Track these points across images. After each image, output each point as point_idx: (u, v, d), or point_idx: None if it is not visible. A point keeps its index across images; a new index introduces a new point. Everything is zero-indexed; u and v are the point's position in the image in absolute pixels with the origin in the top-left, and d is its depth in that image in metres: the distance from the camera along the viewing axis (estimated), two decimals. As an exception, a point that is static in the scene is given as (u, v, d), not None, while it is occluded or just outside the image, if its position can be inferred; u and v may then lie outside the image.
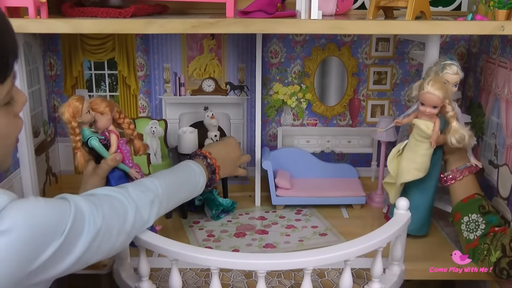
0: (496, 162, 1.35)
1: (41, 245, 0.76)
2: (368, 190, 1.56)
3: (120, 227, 0.93)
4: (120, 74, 1.61)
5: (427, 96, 1.17)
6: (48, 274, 0.78)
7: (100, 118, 1.19)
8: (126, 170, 1.24)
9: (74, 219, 0.81)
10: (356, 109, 1.67)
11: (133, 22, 1.13)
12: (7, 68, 0.76)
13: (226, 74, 1.62)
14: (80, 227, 0.83)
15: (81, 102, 1.15)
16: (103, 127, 1.21)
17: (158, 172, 1.16)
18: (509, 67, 1.29)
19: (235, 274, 1.18)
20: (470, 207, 1.23)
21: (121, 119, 1.24)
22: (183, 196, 1.17)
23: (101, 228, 0.87)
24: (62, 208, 0.81)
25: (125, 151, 1.25)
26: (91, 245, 0.85)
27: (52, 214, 0.78)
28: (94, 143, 1.18)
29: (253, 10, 1.17)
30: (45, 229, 0.76)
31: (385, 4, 1.22)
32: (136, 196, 1.00)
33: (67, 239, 0.79)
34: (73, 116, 1.14)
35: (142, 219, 1.00)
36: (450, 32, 1.38)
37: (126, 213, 0.96)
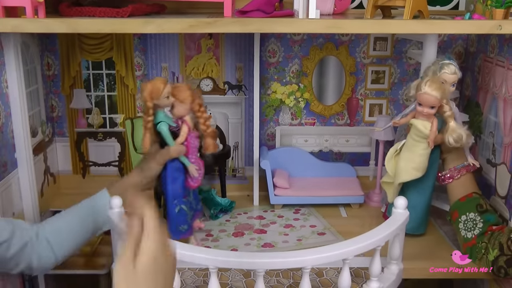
0: (494, 161, 1.35)
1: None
2: (366, 189, 1.56)
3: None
4: (118, 73, 1.60)
5: (424, 97, 1.17)
6: None
7: (178, 105, 1.15)
8: (186, 164, 1.21)
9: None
10: (354, 108, 1.67)
11: (130, 21, 1.13)
12: None
13: (224, 73, 1.62)
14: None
15: (164, 85, 1.12)
16: (178, 115, 1.17)
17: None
18: (507, 66, 1.30)
19: (233, 273, 1.18)
20: (468, 206, 1.23)
21: (199, 112, 1.19)
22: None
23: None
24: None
25: (192, 145, 1.21)
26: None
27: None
28: (163, 128, 1.15)
29: (251, 9, 1.17)
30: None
31: (383, 3, 1.22)
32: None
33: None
34: (150, 96, 1.11)
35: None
36: (447, 32, 1.38)
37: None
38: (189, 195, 1.24)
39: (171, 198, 1.21)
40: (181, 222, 1.22)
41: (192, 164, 1.21)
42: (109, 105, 1.63)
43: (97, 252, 1.42)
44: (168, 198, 1.21)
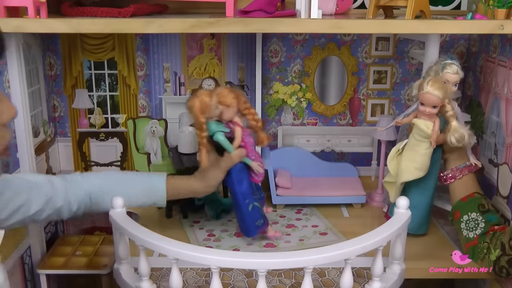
0: (496, 161, 1.35)
1: None
2: (368, 189, 1.56)
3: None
4: (120, 73, 1.61)
5: (426, 96, 1.17)
6: None
7: (226, 111, 1.16)
8: (248, 163, 1.22)
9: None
10: (356, 108, 1.67)
11: (132, 21, 1.13)
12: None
13: (226, 73, 1.62)
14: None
15: (211, 98, 1.13)
16: (228, 119, 1.18)
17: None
18: (509, 66, 1.29)
19: (235, 273, 1.18)
20: (470, 206, 1.23)
21: (246, 109, 1.21)
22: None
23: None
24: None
25: (248, 143, 1.22)
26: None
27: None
28: (220, 138, 1.17)
29: (253, 9, 1.17)
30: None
31: (385, 3, 1.22)
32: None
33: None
34: (201, 112, 1.13)
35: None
36: (449, 31, 1.38)
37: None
38: (255, 190, 1.28)
39: (242, 199, 1.23)
40: (257, 217, 1.26)
41: (253, 161, 1.23)
42: (111, 105, 1.63)
43: (98, 252, 1.42)
44: (239, 199, 1.24)
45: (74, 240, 1.47)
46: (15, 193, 1.00)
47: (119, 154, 1.67)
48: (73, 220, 1.60)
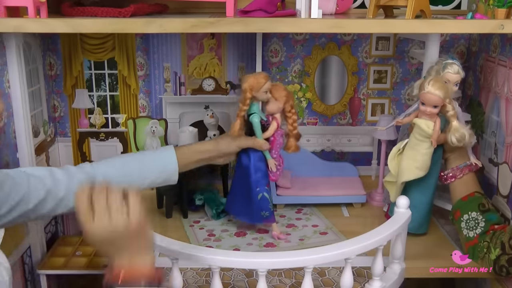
0: (496, 160, 1.35)
1: None
2: (369, 189, 1.56)
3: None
4: (120, 73, 1.61)
5: (427, 96, 1.17)
6: None
7: (273, 102, 1.22)
8: (267, 157, 1.29)
9: None
10: (356, 108, 1.67)
11: (132, 21, 1.13)
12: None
13: (226, 73, 1.62)
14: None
15: (265, 80, 1.20)
16: (270, 111, 1.24)
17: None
18: (509, 65, 1.29)
19: (236, 273, 1.19)
20: (470, 205, 1.23)
21: (290, 113, 1.26)
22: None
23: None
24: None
25: (277, 142, 1.28)
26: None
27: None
28: (255, 120, 1.23)
29: (253, 9, 1.17)
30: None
31: (385, 3, 1.22)
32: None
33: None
34: (251, 88, 1.19)
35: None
36: (450, 31, 1.38)
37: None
38: (270, 185, 1.32)
39: (254, 186, 1.29)
40: (263, 208, 1.30)
41: (272, 159, 1.29)
42: (111, 105, 1.63)
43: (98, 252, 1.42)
44: (252, 185, 1.29)
45: (74, 240, 1.47)
46: (14, 185, 0.99)
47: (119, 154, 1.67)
48: (73, 220, 1.60)
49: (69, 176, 1.08)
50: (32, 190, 1.01)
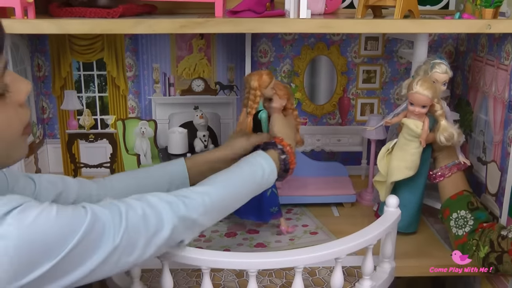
0: (485, 159, 1.36)
1: (35, 262, 0.70)
2: (358, 188, 1.56)
3: (149, 239, 0.84)
4: (109, 74, 1.60)
5: (416, 96, 1.18)
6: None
7: (277, 100, 1.25)
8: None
9: (85, 235, 0.74)
10: (345, 107, 1.68)
11: (121, 22, 1.13)
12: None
13: (216, 74, 1.62)
14: (94, 243, 0.76)
15: (271, 78, 1.23)
16: (274, 107, 1.26)
17: (218, 175, 1.04)
18: (496, 65, 1.30)
19: (226, 273, 1.18)
20: (459, 204, 1.24)
21: (291, 109, 1.29)
22: (240, 202, 1.06)
23: (120, 244, 0.79)
24: (72, 223, 0.74)
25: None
26: (106, 261, 0.77)
27: (56, 230, 0.72)
28: (264, 116, 1.26)
29: (242, 9, 1.17)
30: (43, 245, 0.70)
31: (374, 3, 1.23)
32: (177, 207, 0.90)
33: (69, 257, 0.73)
34: (259, 85, 1.22)
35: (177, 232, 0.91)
36: (438, 31, 1.39)
37: (159, 224, 0.86)
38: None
39: None
40: (272, 204, 1.31)
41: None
42: (100, 106, 1.62)
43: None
44: None
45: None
46: (27, 183, 0.97)
47: (108, 156, 1.67)
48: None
49: (81, 183, 1.06)
50: (42, 190, 0.99)
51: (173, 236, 0.89)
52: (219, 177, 1.03)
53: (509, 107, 1.22)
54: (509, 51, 1.23)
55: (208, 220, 0.97)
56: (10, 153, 0.80)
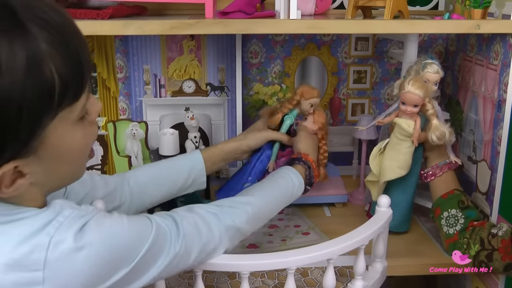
0: (475, 158, 1.36)
1: (115, 267, 0.75)
2: (350, 188, 1.57)
3: (202, 247, 0.91)
4: (99, 76, 1.59)
5: (408, 96, 1.19)
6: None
7: (310, 122, 1.31)
8: (272, 158, 1.31)
9: (153, 243, 0.80)
10: (336, 108, 1.68)
11: (111, 23, 1.13)
12: (81, 85, 0.73)
13: (206, 75, 1.62)
14: (159, 251, 0.83)
15: (317, 95, 1.30)
16: (305, 127, 1.31)
17: (256, 187, 1.11)
18: (486, 64, 1.31)
19: (218, 275, 1.18)
20: (450, 203, 1.25)
21: (321, 143, 1.33)
22: (274, 213, 1.13)
23: (180, 251, 0.86)
24: (143, 231, 0.81)
25: (288, 153, 1.32)
26: (167, 267, 0.84)
27: (131, 237, 0.78)
28: (287, 122, 1.30)
29: (232, 10, 1.17)
30: (121, 251, 0.76)
31: (364, 3, 1.23)
32: (224, 217, 0.97)
33: (140, 263, 0.79)
34: (302, 93, 1.29)
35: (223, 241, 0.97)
36: (427, 31, 1.39)
37: (209, 234, 0.93)
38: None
39: (246, 174, 1.31)
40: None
41: (272, 161, 1.31)
42: (90, 108, 1.61)
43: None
44: (244, 173, 1.32)
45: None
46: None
47: (99, 158, 1.66)
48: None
49: (106, 181, 1.09)
50: (73, 191, 1.01)
51: (221, 244, 0.96)
52: (257, 188, 1.10)
53: (499, 107, 1.23)
54: (498, 51, 1.24)
55: (249, 229, 1.03)
56: (82, 170, 0.85)
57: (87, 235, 0.72)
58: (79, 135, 0.77)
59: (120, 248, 0.76)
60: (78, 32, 0.74)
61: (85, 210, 0.75)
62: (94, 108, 0.80)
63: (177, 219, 0.88)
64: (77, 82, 0.72)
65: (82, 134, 0.77)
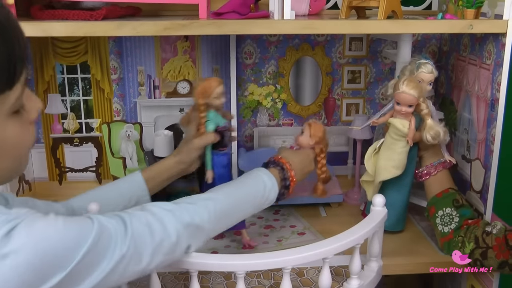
0: (469, 157, 1.37)
1: (48, 273, 0.70)
2: (345, 188, 1.57)
3: (155, 247, 0.85)
4: (93, 77, 1.59)
5: (402, 96, 1.19)
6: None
7: (305, 136, 1.22)
8: (208, 166, 1.23)
9: (93, 245, 0.75)
10: (331, 108, 1.68)
11: (104, 24, 1.12)
12: (14, 74, 0.71)
13: (201, 75, 1.62)
14: (102, 253, 0.76)
15: (217, 84, 1.16)
16: (300, 143, 1.22)
17: (221, 186, 1.07)
18: (479, 64, 1.32)
19: (214, 276, 1.18)
20: (444, 201, 1.25)
21: (319, 157, 1.26)
22: (243, 214, 1.08)
23: (128, 252, 0.80)
24: (81, 232, 0.74)
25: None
26: (114, 270, 0.78)
27: (66, 239, 0.72)
28: (211, 127, 1.19)
29: (226, 11, 1.17)
30: (55, 256, 0.70)
31: (357, 4, 1.23)
32: (180, 214, 0.91)
33: (79, 267, 0.73)
34: (202, 93, 1.16)
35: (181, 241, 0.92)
36: (421, 31, 1.40)
37: (164, 232, 0.87)
38: None
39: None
40: None
41: (211, 170, 1.23)
42: (85, 109, 1.61)
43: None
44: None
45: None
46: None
47: (94, 159, 1.65)
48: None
49: (48, 206, 1.04)
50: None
51: (178, 243, 0.90)
52: (222, 187, 1.06)
53: (492, 106, 1.24)
54: (491, 50, 1.24)
55: (212, 227, 0.98)
56: (19, 167, 0.81)
57: (14, 240, 0.66)
58: (13, 130, 0.74)
59: (53, 252, 0.70)
60: (16, 25, 0.72)
61: (15, 213, 0.69)
62: (32, 105, 0.77)
63: (125, 218, 0.83)
64: (9, 69, 0.70)
65: (16, 130, 0.74)
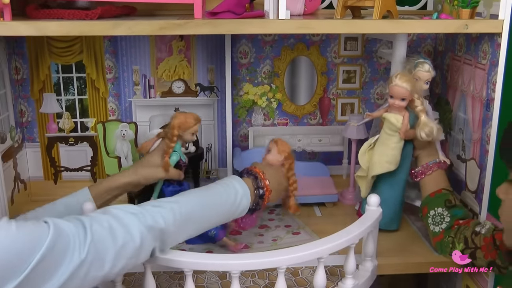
0: (464, 157, 1.37)
1: (0, 280, 0.68)
2: (340, 188, 1.57)
3: (117, 251, 0.83)
4: (88, 77, 1.58)
5: (395, 89, 1.21)
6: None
7: (274, 153, 1.23)
8: (154, 196, 1.27)
9: (48, 251, 0.72)
10: (326, 108, 1.68)
11: (100, 23, 1.12)
12: None
13: (196, 75, 1.62)
14: (59, 258, 0.74)
15: (195, 122, 1.22)
16: (269, 161, 1.23)
17: (191, 191, 1.08)
18: (474, 64, 1.32)
19: (209, 275, 1.18)
20: (437, 201, 1.26)
21: (288, 173, 1.25)
22: (213, 219, 1.06)
23: (87, 257, 0.78)
24: (35, 238, 0.72)
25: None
26: (74, 276, 0.76)
27: (18, 245, 0.70)
28: (175, 158, 1.22)
29: (221, 10, 1.17)
30: (6, 262, 0.68)
31: (353, 3, 1.23)
32: (144, 217, 0.90)
33: (34, 273, 0.71)
34: (179, 126, 1.20)
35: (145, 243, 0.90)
36: (416, 31, 1.40)
37: (127, 236, 0.86)
38: None
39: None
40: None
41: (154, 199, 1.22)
42: (80, 109, 1.61)
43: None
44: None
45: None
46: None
47: (89, 159, 1.65)
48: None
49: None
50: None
51: (143, 246, 0.88)
52: (192, 191, 1.05)
53: (487, 106, 1.24)
54: (486, 50, 1.25)
55: (178, 230, 0.96)
56: None
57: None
58: None
59: (5, 257, 0.68)
60: None
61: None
62: None
63: (85, 222, 0.81)
64: None
65: None
